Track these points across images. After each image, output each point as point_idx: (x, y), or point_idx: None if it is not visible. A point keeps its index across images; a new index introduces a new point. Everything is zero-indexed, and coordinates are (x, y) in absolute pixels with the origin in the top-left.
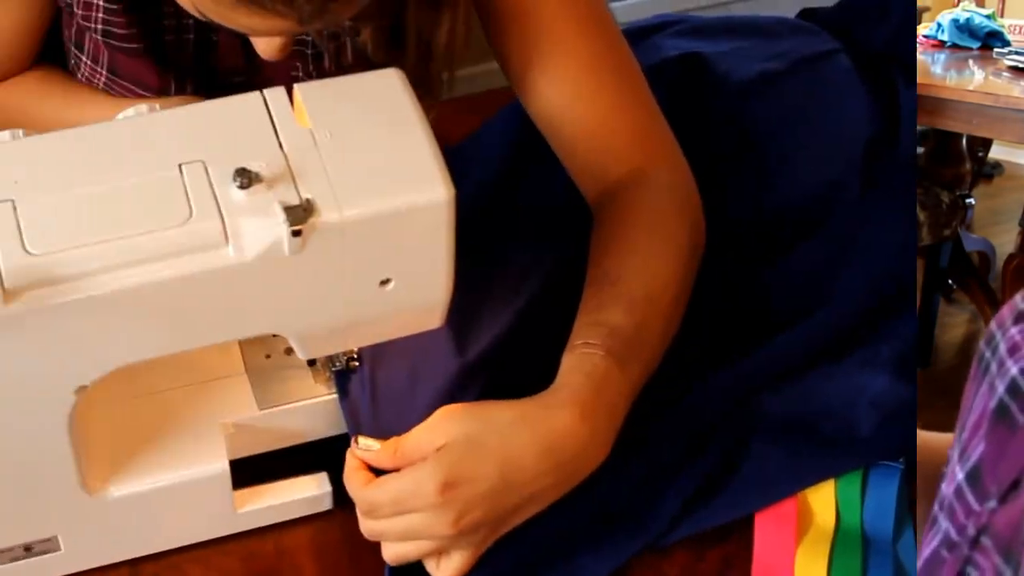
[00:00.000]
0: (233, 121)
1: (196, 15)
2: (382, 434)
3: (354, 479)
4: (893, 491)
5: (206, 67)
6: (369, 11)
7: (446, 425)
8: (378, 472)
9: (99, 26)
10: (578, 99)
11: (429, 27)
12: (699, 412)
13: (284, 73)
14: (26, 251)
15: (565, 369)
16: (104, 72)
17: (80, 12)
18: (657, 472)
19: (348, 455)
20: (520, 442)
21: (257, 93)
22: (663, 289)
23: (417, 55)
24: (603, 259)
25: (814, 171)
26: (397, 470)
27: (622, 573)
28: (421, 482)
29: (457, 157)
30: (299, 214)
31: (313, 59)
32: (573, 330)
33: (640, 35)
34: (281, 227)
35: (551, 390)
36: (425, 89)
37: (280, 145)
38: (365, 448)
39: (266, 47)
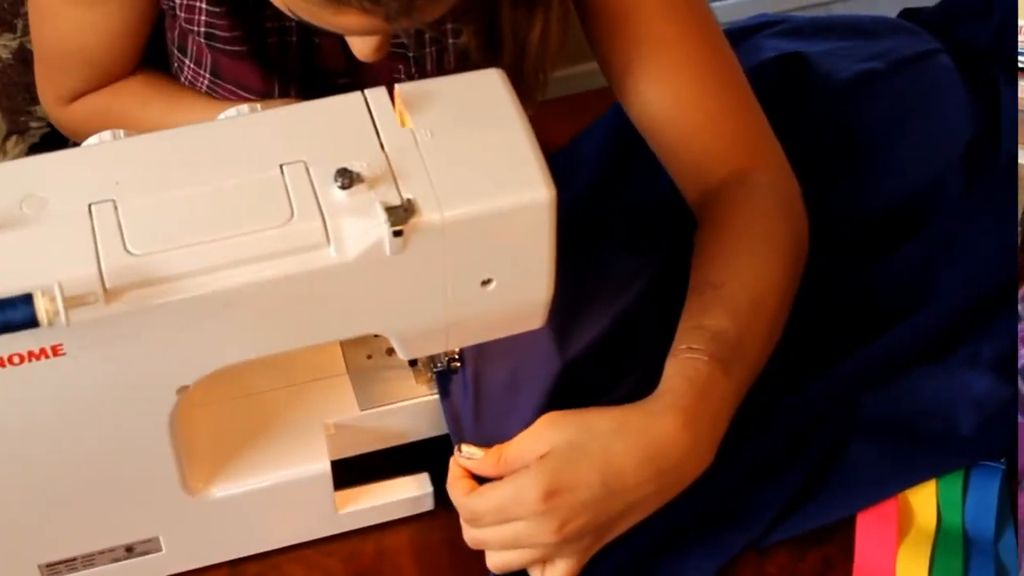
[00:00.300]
0: (334, 121)
1: (290, 15)
2: (483, 436)
3: (457, 487)
4: (994, 491)
5: (309, 69)
6: (463, 9)
7: (548, 433)
8: (481, 480)
9: (202, 28)
10: (679, 102)
11: (524, 27)
12: (799, 411)
13: (386, 75)
14: (127, 251)
15: (668, 375)
16: (207, 75)
17: (183, 15)
18: (758, 471)
19: (451, 463)
20: (622, 450)
21: (358, 93)
22: (767, 293)
23: (512, 56)
24: (706, 263)
25: (914, 171)
26: (500, 478)
27: (724, 572)
28: (524, 490)
29: (560, 158)
30: (400, 214)
31: (415, 61)
32: (676, 335)
33: (741, 35)
34: (382, 227)
35: (654, 396)
36: (521, 91)
37: (381, 145)
38: (468, 456)
39: (361, 47)
